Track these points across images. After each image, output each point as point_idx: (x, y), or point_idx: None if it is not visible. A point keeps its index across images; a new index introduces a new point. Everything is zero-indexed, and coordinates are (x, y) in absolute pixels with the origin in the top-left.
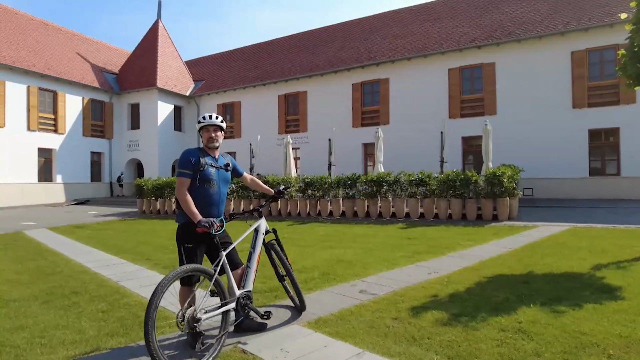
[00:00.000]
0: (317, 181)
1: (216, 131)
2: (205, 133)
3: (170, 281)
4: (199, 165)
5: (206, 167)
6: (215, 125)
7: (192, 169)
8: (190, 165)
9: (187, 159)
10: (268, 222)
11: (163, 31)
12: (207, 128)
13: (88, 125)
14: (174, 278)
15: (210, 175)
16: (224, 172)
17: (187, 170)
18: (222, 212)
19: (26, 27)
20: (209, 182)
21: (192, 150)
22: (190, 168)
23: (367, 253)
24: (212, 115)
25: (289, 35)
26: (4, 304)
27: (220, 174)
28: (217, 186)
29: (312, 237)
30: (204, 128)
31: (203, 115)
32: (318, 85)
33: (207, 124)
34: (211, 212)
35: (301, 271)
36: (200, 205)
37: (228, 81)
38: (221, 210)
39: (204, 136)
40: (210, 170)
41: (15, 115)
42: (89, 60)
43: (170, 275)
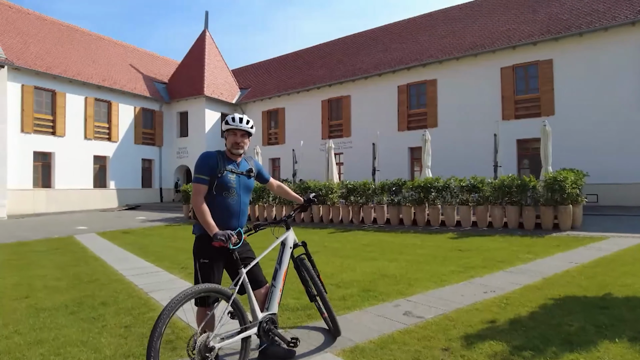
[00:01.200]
0: (360, 187)
1: (244, 137)
2: (231, 137)
3: (178, 304)
4: (217, 170)
5: (225, 173)
6: (244, 130)
7: (210, 175)
8: (208, 170)
9: (204, 163)
10: (308, 230)
11: (210, 41)
12: (234, 132)
13: (139, 133)
14: (182, 300)
15: (229, 183)
16: (245, 179)
17: (203, 175)
18: (243, 223)
19: (84, 42)
20: (228, 190)
21: (211, 154)
22: (207, 173)
23: (413, 266)
24: (242, 118)
25: (333, 40)
26: (35, 313)
27: (242, 181)
28: (237, 195)
29: (353, 246)
30: (230, 131)
31: (232, 116)
32: (362, 88)
33: (234, 128)
34: (230, 223)
35: (339, 286)
36: (218, 216)
37: (272, 88)
38: (242, 222)
39: (228, 140)
40: (229, 177)
41: (74, 125)
42: (141, 70)
43: (179, 296)
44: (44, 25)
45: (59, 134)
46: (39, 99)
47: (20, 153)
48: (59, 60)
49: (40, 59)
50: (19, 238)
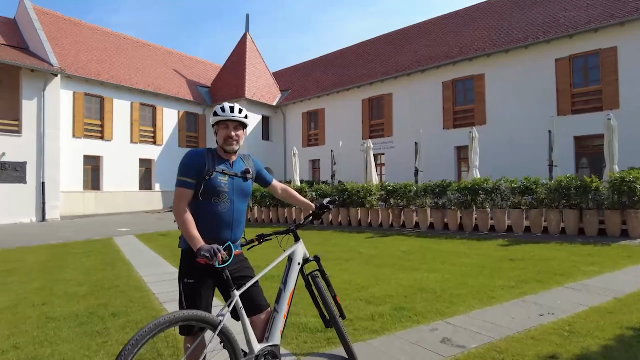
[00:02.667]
0: (401, 188)
1: (237, 129)
2: (223, 130)
3: (145, 336)
4: (205, 171)
5: (214, 175)
6: (237, 121)
7: (196, 177)
8: (193, 172)
9: (189, 163)
10: (344, 234)
11: (251, 44)
12: (225, 124)
13: (183, 137)
14: (153, 332)
15: (219, 186)
16: (240, 182)
17: (187, 178)
18: (237, 235)
19: (131, 49)
20: (218, 196)
21: (197, 151)
22: (192, 175)
23: (456, 279)
24: (233, 107)
25: (372, 38)
26: (44, 323)
27: (236, 184)
28: (229, 201)
29: (391, 254)
30: (221, 123)
31: (221, 105)
32: (404, 86)
33: (225, 119)
34: (221, 235)
35: (369, 302)
36: (206, 227)
37: (312, 89)
38: (237, 234)
39: (219, 134)
40: (219, 180)
41: (121, 129)
42: (184, 75)
43: (149, 327)
44: (94, 35)
45: (106, 138)
46: (88, 105)
47: (71, 157)
48: (106, 67)
49: (90, 66)
50: (64, 239)
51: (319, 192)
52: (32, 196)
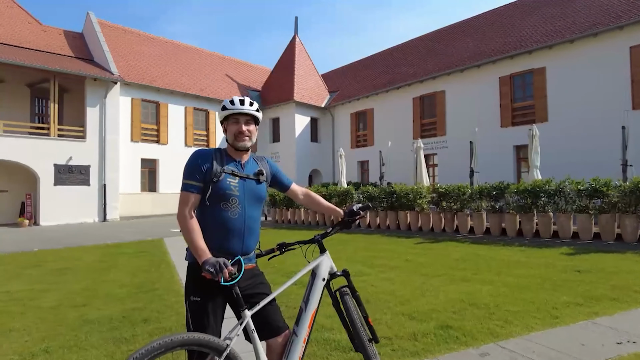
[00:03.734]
0: (454, 191)
1: (249, 123)
2: (233, 125)
3: None
4: (212, 173)
5: (223, 177)
6: (249, 114)
7: (202, 180)
8: (199, 174)
9: (194, 164)
10: (392, 239)
11: (300, 46)
12: (235, 118)
13: None
14: (144, 358)
15: (228, 189)
16: (253, 185)
17: (193, 181)
18: (250, 246)
19: (184, 56)
20: (227, 200)
21: (204, 152)
22: (198, 178)
23: (513, 293)
24: (243, 100)
25: (422, 35)
26: (78, 326)
27: (248, 188)
28: (240, 206)
29: (441, 262)
30: (231, 118)
31: (230, 99)
32: (457, 83)
33: (235, 112)
34: (230, 246)
35: (412, 317)
36: (213, 236)
37: (361, 89)
38: (249, 244)
39: (229, 130)
40: (228, 182)
41: (175, 133)
42: (235, 80)
43: (140, 352)
44: (151, 44)
45: (162, 142)
46: (145, 110)
47: (130, 160)
48: (162, 74)
49: (147, 73)
50: (119, 239)
51: (365, 194)
52: (95, 198)
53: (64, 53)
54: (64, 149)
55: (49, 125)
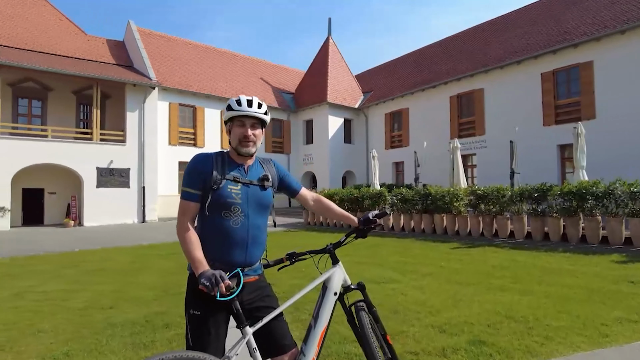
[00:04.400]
0: (493, 193)
1: (255, 127)
2: (238, 128)
3: None
4: (212, 179)
5: (224, 184)
6: (256, 117)
7: (202, 187)
8: (198, 181)
9: (192, 170)
10: (427, 243)
11: (333, 47)
12: (240, 120)
13: (269, 142)
14: None
15: (229, 197)
16: (257, 191)
17: (191, 188)
18: (254, 257)
19: (220, 60)
20: (229, 209)
21: (205, 156)
22: (196, 185)
23: (556, 305)
24: (251, 101)
25: (458, 32)
26: (102, 329)
27: (251, 195)
28: (243, 215)
29: (478, 269)
30: (235, 120)
31: (237, 98)
32: (497, 80)
33: (242, 114)
34: (233, 257)
35: (442, 330)
36: (215, 247)
37: (395, 88)
38: (253, 254)
39: (233, 133)
40: (229, 189)
41: (212, 136)
42: (270, 83)
43: None
44: (187, 49)
45: (199, 145)
46: (182, 114)
47: (168, 163)
48: (198, 79)
49: (183, 78)
50: (154, 240)
51: (399, 196)
52: (134, 199)
53: (107, 61)
54: (106, 153)
55: (92, 130)
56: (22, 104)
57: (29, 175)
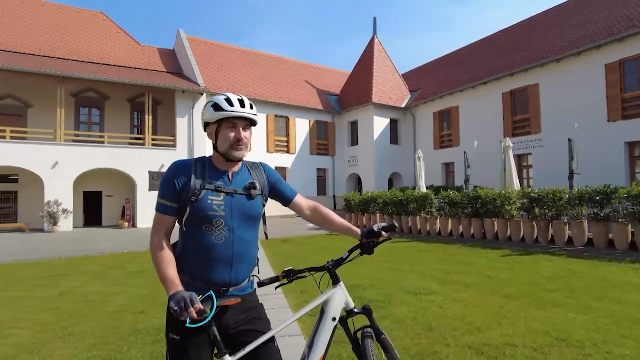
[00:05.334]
0: (548, 196)
1: (246, 129)
2: (228, 130)
3: None
4: (191, 190)
5: (204, 195)
6: (248, 118)
7: (177, 199)
8: (174, 192)
9: (167, 180)
10: (474, 249)
11: (379, 46)
12: (232, 122)
13: (314, 145)
14: None
15: (209, 210)
16: (242, 201)
17: (166, 200)
18: (241, 275)
19: (265, 64)
20: (210, 223)
21: (181, 165)
22: (173, 197)
23: (620, 328)
24: (243, 101)
25: (510, 26)
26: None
27: (236, 205)
28: (226, 229)
29: (528, 279)
30: (225, 121)
31: (226, 97)
32: (554, 73)
33: (234, 115)
34: (217, 276)
35: (481, 352)
36: (196, 265)
37: (444, 86)
38: (239, 273)
39: (222, 136)
40: (209, 201)
41: (258, 140)
42: (315, 85)
43: None
44: (234, 55)
45: None
46: None
47: None
48: (244, 83)
49: (230, 83)
50: None
51: (446, 199)
52: None
53: (158, 69)
54: (157, 157)
55: (144, 136)
56: (83, 112)
57: (89, 179)
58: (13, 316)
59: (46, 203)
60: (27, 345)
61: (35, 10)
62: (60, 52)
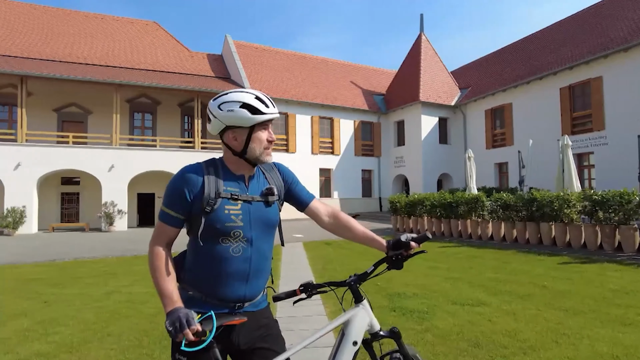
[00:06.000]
0: (614, 198)
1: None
2: (262, 132)
3: None
4: (202, 202)
5: (219, 205)
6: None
7: (186, 211)
8: (183, 204)
9: (176, 190)
10: (530, 256)
11: (426, 44)
12: (265, 124)
13: (359, 146)
14: None
15: (227, 221)
16: (261, 209)
17: (172, 210)
18: (257, 289)
19: (311, 66)
20: (228, 235)
21: (192, 172)
22: (180, 208)
23: None
24: (271, 100)
25: (567, 17)
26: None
27: (255, 214)
28: (245, 240)
29: (592, 292)
30: (260, 124)
31: (261, 99)
32: (619, 65)
33: (273, 117)
34: (231, 292)
35: None
36: (208, 279)
37: (496, 83)
38: (255, 288)
39: (258, 138)
40: (226, 211)
41: (302, 142)
42: (360, 85)
43: None
44: (280, 58)
45: (291, 150)
46: (275, 122)
47: None
48: (290, 86)
49: (276, 86)
50: None
51: (499, 202)
52: None
53: (207, 74)
54: None
55: (194, 139)
56: (137, 117)
57: (142, 181)
58: (63, 314)
59: (103, 204)
60: (68, 344)
61: (97, 24)
62: (116, 60)
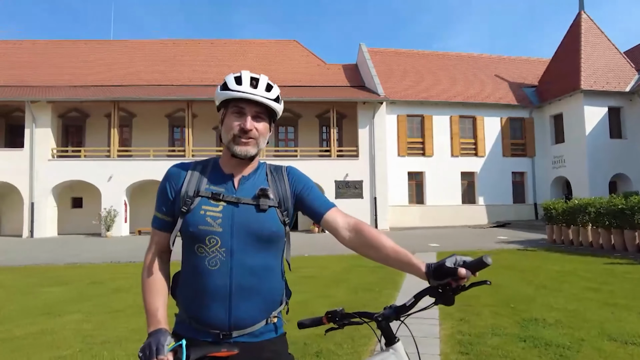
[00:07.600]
0: None
1: (259, 119)
2: (234, 118)
3: None
4: (182, 198)
5: (196, 205)
6: (260, 103)
7: (170, 211)
8: (167, 202)
9: (162, 188)
10: None
11: (588, 22)
12: (239, 106)
13: (507, 145)
14: None
15: (201, 224)
16: (249, 213)
17: (158, 212)
18: (246, 316)
19: (447, 64)
20: (202, 241)
21: (179, 168)
22: (165, 208)
23: None
24: (257, 80)
25: None
26: None
27: (239, 219)
28: (223, 250)
29: None
30: (231, 104)
31: (238, 75)
32: None
33: (239, 96)
34: (209, 316)
35: None
36: (188, 298)
37: None
38: (242, 313)
39: (226, 124)
40: (201, 213)
41: (441, 144)
42: (507, 79)
43: None
44: (415, 60)
45: (427, 154)
46: (410, 125)
47: (397, 174)
48: (425, 87)
49: (410, 89)
50: None
51: None
52: (367, 209)
53: (342, 84)
54: (342, 167)
55: (330, 148)
56: (281, 130)
57: None
58: None
59: None
60: None
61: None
62: None
